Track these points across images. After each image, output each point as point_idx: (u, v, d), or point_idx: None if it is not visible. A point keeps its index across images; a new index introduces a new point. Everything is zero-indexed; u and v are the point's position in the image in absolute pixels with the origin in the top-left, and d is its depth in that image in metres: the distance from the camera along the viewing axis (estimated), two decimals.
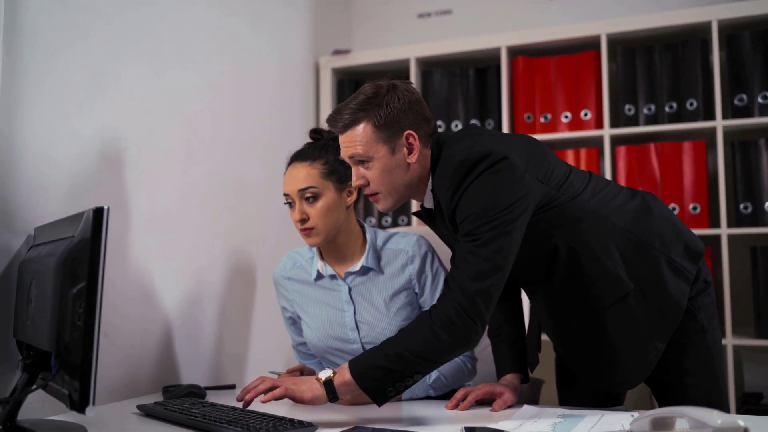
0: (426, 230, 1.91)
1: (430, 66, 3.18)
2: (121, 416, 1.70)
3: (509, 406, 1.69)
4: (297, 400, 1.53)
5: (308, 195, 1.85)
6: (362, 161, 1.60)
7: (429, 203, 1.68)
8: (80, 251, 1.32)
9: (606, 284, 1.62)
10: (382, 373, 1.50)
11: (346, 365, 1.54)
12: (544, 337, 1.87)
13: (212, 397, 1.88)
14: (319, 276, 1.94)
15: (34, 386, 1.45)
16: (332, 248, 1.92)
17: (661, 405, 1.71)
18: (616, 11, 3.02)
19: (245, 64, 2.61)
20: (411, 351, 1.50)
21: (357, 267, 1.91)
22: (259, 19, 2.71)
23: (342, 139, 1.62)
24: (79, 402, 1.26)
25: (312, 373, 1.96)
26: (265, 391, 1.54)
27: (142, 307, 2.05)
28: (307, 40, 3.11)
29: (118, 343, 1.94)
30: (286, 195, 1.89)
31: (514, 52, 3.04)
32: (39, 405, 1.63)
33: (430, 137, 1.64)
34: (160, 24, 2.17)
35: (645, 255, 1.63)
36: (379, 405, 1.55)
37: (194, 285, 2.27)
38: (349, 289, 1.92)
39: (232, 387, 2.13)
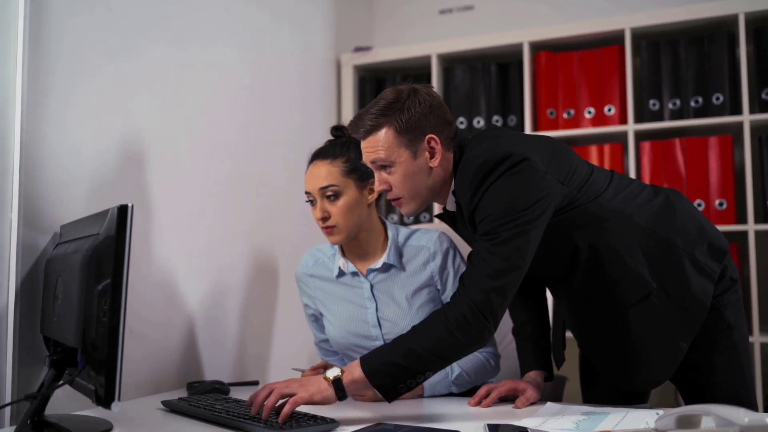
0: (448, 227, 1.90)
1: (451, 62, 3.17)
2: (146, 412, 1.72)
3: (532, 403, 1.68)
4: (308, 403, 1.52)
5: (329, 193, 1.85)
6: (384, 166, 1.61)
7: (451, 206, 1.68)
8: (105, 248, 1.33)
9: (628, 283, 1.61)
10: (395, 369, 1.50)
11: (356, 363, 1.54)
12: (568, 334, 1.86)
13: (236, 393, 1.89)
14: (341, 273, 1.95)
15: (61, 382, 1.47)
16: (354, 245, 1.93)
17: (687, 403, 1.69)
18: (639, 5, 2.98)
19: (267, 62, 2.62)
20: (425, 348, 1.50)
21: (379, 264, 1.91)
22: (281, 17, 2.72)
23: (364, 144, 1.63)
24: (105, 397, 1.27)
25: None
26: (275, 404, 1.49)
27: (166, 304, 2.07)
28: (329, 38, 3.12)
29: (142, 339, 1.96)
30: (307, 193, 1.89)
31: (537, 48, 3.02)
32: (66, 400, 1.65)
33: (452, 140, 1.64)
34: (182, 23, 2.18)
35: (668, 254, 1.62)
36: (390, 401, 1.55)
37: (217, 282, 2.29)
38: (371, 286, 1.92)
39: (256, 383, 2.14)
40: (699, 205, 2.71)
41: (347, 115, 3.17)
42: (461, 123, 3.06)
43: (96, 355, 1.32)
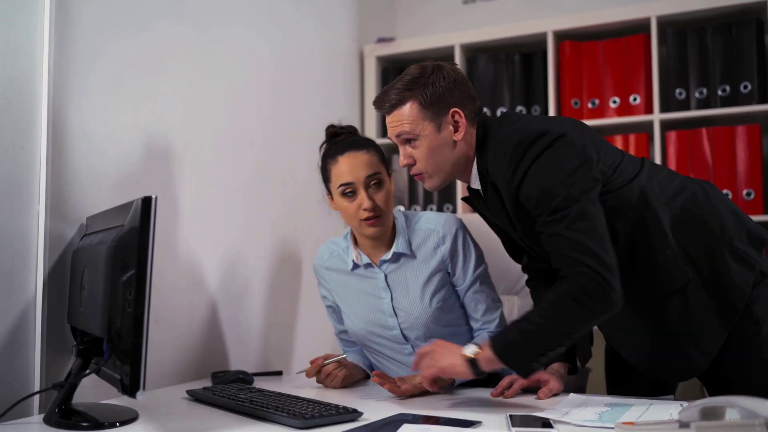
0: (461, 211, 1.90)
1: (475, 52, 3.16)
2: (171, 401, 1.74)
3: (555, 394, 1.68)
4: (437, 375, 1.57)
5: (375, 181, 1.84)
6: (409, 140, 1.63)
7: (476, 183, 1.67)
8: (130, 239, 1.35)
9: (666, 273, 1.59)
10: (526, 347, 1.50)
11: (487, 341, 1.54)
12: (594, 328, 1.84)
13: (259, 383, 1.91)
14: (356, 265, 1.95)
15: (88, 371, 1.50)
16: (366, 236, 1.92)
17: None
18: None
19: (291, 53, 2.63)
20: (553, 324, 1.49)
21: (389, 255, 1.91)
22: (304, 8, 2.73)
23: (389, 119, 1.65)
24: (130, 386, 1.29)
25: (352, 366, 1.96)
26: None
27: (191, 295, 2.09)
28: (352, 29, 3.12)
29: (168, 329, 1.98)
30: (347, 184, 1.83)
31: (561, 37, 2.99)
32: (92, 389, 1.68)
33: (475, 116, 1.65)
34: (207, 17, 2.20)
35: (706, 242, 1.60)
36: (525, 377, 1.57)
37: (242, 273, 2.30)
38: (385, 276, 1.92)
39: (279, 373, 2.16)
40: (726, 195, 2.67)
41: (370, 107, 3.17)
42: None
43: (121, 345, 1.34)
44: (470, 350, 1.54)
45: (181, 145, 2.07)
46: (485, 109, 3.04)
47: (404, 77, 1.64)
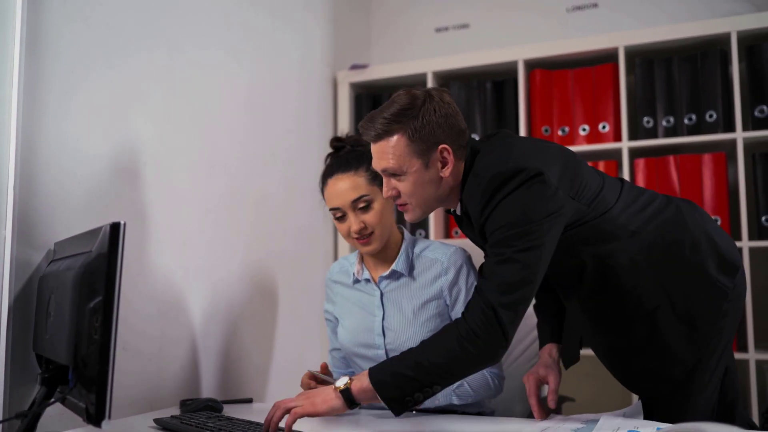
0: (468, 243, 1.89)
1: (447, 79, 3.19)
2: (138, 429, 1.71)
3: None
4: (312, 414, 1.52)
5: (362, 204, 1.84)
6: (395, 174, 1.60)
7: (459, 209, 1.68)
8: (97, 266, 1.33)
9: (634, 299, 1.61)
10: (402, 381, 1.49)
11: (364, 372, 1.53)
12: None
13: (229, 411, 1.88)
14: (356, 279, 1.95)
15: (53, 399, 1.46)
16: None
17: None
18: (633, 23, 3.01)
19: (264, 79, 2.63)
20: (434, 362, 1.48)
21: (388, 272, 1.91)
22: (278, 35, 2.74)
23: (374, 148, 1.61)
24: (96, 415, 1.26)
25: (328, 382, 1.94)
26: (280, 419, 1.51)
27: (161, 321, 2.07)
28: (326, 56, 3.14)
29: (136, 356, 1.95)
30: (335, 209, 1.86)
31: (532, 65, 3.04)
32: (57, 418, 1.64)
33: (463, 149, 1.62)
34: (181, 42, 2.20)
35: (676, 268, 1.62)
36: (397, 415, 1.52)
37: (213, 299, 2.28)
38: (381, 294, 1.92)
39: (249, 401, 2.13)
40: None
41: (343, 132, 3.18)
42: None
43: (87, 373, 1.31)
44: (342, 381, 1.52)
45: (153, 169, 2.06)
46: None
47: (393, 106, 1.58)
